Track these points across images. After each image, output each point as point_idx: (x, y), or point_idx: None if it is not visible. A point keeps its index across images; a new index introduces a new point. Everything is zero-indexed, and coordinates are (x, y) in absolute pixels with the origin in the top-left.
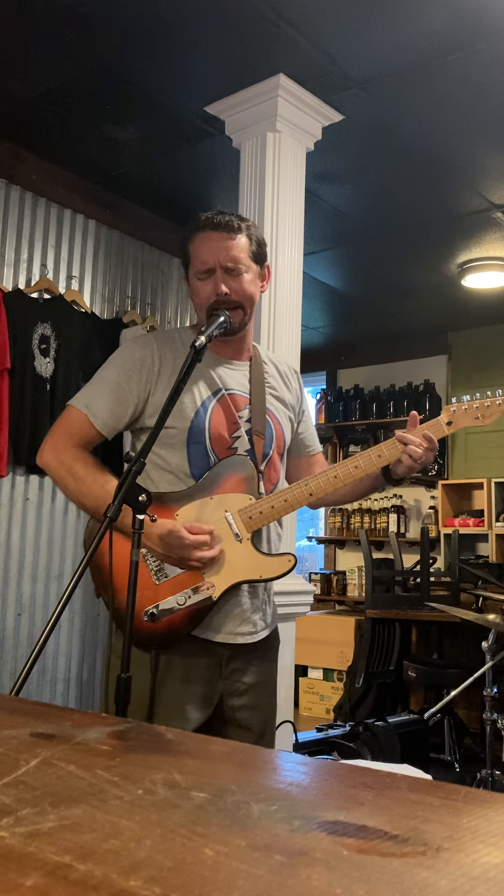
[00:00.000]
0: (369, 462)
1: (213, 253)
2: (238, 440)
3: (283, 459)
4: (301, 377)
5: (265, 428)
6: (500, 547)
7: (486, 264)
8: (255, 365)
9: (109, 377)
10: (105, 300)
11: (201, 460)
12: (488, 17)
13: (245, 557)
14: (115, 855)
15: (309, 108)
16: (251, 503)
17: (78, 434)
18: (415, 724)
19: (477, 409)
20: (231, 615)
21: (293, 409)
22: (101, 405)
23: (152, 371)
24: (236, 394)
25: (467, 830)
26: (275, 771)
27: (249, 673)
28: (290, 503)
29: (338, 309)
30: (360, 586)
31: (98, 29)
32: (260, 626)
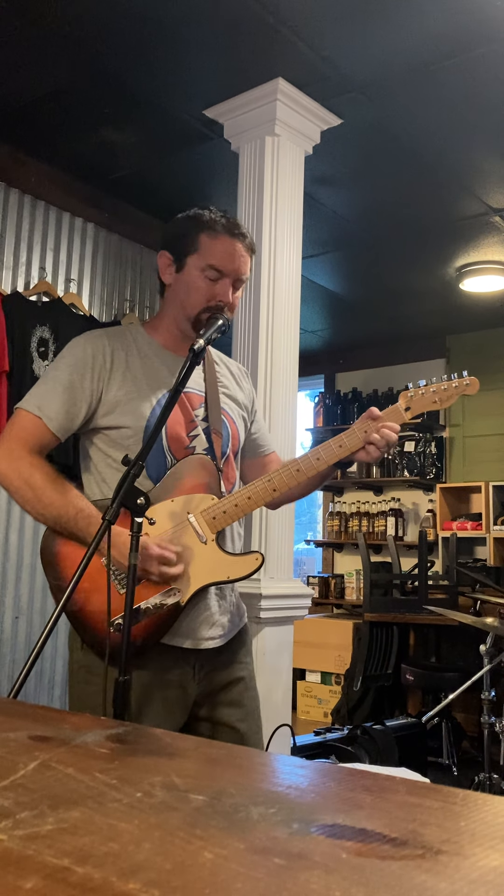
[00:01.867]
0: (331, 453)
1: (234, 262)
2: (196, 439)
3: (237, 459)
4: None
5: (222, 426)
6: (498, 550)
7: (484, 268)
8: (207, 364)
9: (61, 377)
10: (104, 303)
11: (158, 461)
12: (486, 21)
13: (211, 559)
14: (113, 858)
15: (308, 112)
16: (214, 503)
17: (32, 439)
18: (412, 728)
19: (434, 394)
20: (199, 619)
21: (246, 408)
22: (55, 406)
23: (104, 368)
24: (192, 392)
25: (466, 833)
26: (273, 774)
27: (223, 672)
28: (253, 500)
29: (336, 312)
30: (358, 590)
31: (97, 33)
32: (228, 627)
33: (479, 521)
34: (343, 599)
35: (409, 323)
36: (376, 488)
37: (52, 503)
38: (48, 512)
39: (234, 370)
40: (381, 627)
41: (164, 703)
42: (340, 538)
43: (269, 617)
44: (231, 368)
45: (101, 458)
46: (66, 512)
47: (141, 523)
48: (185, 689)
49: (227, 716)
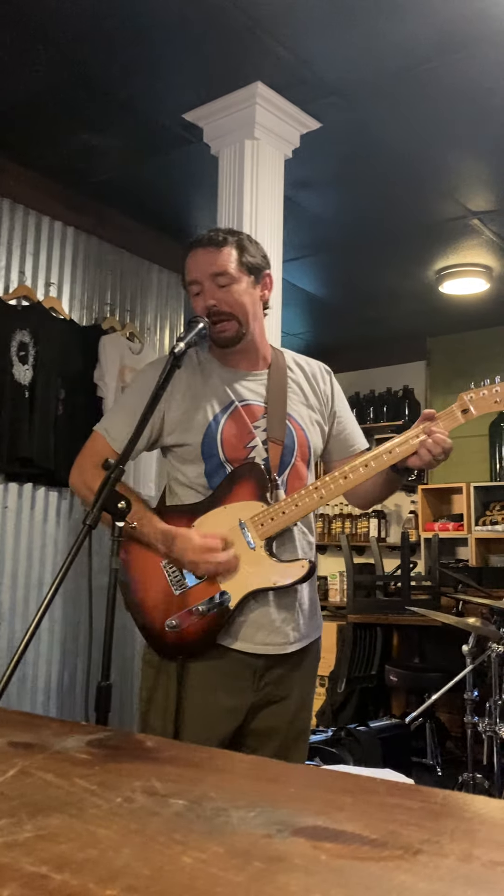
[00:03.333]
0: (380, 460)
1: (199, 267)
2: (254, 450)
3: (310, 466)
4: (331, 376)
5: (284, 436)
6: (480, 551)
7: (463, 270)
8: (274, 371)
9: (128, 401)
10: (84, 307)
11: (217, 472)
12: (465, 26)
13: (258, 565)
14: (92, 864)
15: (287, 116)
16: (262, 510)
17: (100, 456)
18: (397, 729)
19: (497, 394)
20: (259, 625)
21: (321, 411)
22: (119, 427)
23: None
24: (252, 404)
25: (445, 833)
26: (254, 777)
27: (283, 685)
28: (301, 508)
29: (317, 315)
30: (341, 591)
31: (76, 37)
32: (293, 637)
33: (461, 522)
34: (327, 601)
35: (390, 325)
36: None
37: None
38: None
39: (312, 371)
40: (364, 629)
41: (223, 708)
42: (324, 540)
43: None
44: (307, 371)
45: (173, 474)
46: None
47: (122, 527)
48: (242, 694)
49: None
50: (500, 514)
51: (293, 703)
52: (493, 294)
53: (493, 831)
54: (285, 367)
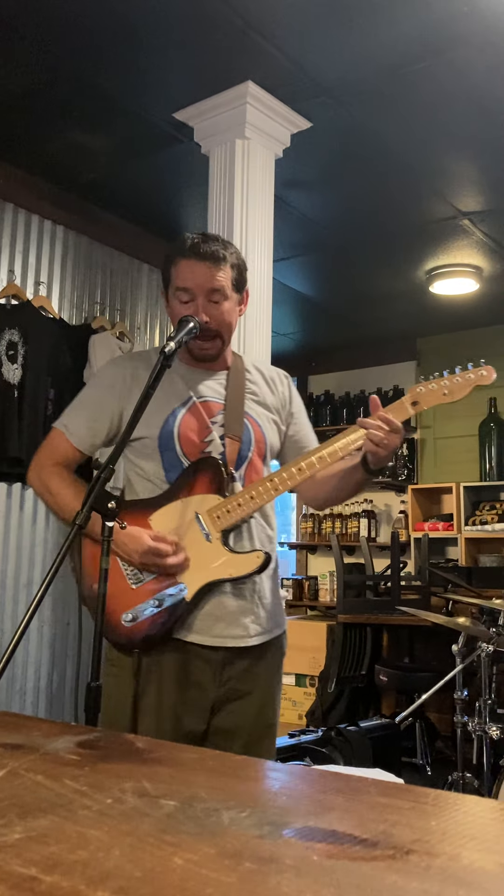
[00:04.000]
0: (334, 454)
1: (196, 280)
2: (211, 444)
3: (266, 462)
4: (288, 381)
5: (242, 431)
6: (470, 550)
7: (453, 271)
8: (234, 373)
9: (88, 397)
10: (74, 306)
11: (175, 466)
12: (455, 26)
13: (215, 556)
14: (82, 866)
15: (277, 116)
16: (218, 502)
17: (58, 453)
18: (387, 729)
19: (444, 386)
20: (216, 617)
21: (279, 412)
22: (78, 423)
23: (125, 387)
24: (210, 400)
25: (436, 833)
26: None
27: (246, 681)
28: (255, 498)
29: (308, 315)
30: (331, 591)
31: (66, 35)
32: (253, 630)
33: (451, 522)
34: (317, 601)
35: (381, 325)
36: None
37: (67, 505)
38: (63, 513)
39: (270, 375)
40: (354, 629)
41: (180, 699)
42: (314, 540)
43: None
44: (265, 374)
45: (130, 468)
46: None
47: (112, 527)
48: (204, 688)
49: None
50: (489, 514)
51: (257, 699)
52: (483, 294)
53: (484, 831)
54: (244, 370)
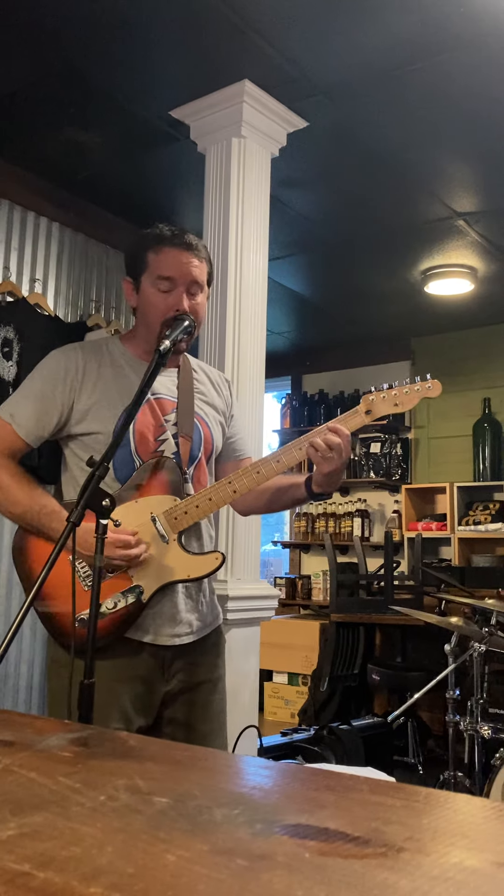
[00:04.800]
0: (291, 456)
1: (181, 269)
2: (164, 443)
3: (210, 462)
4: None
5: (192, 431)
6: (463, 550)
7: (448, 271)
8: (183, 372)
9: (34, 387)
10: (69, 303)
11: (127, 464)
12: (450, 27)
13: (172, 558)
14: (75, 862)
15: (274, 115)
16: (176, 504)
17: (3, 444)
18: (379, 728)
19: (395, 396)
20: (168, 617)
21: (224, 413)
22: (26, 414)
23: (76, 379)
24: (163, 398)
25: (428, 831)
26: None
27: (193, 673)
28: (214, 501)
29: (302, 314)
30: (324, 590)
31: (62, 31)
32: (196, 625)
33: (444, 522)
34: (310, 600)
35: (375, 325)
36: (342, 489)
37: (18, 501)
38: (14, 509)
39: (215, 378)
40: (347, 628)
41: (129, 698)
42: (307, 539)
43: (236, 618)
44: (211, 376)
45: (75, 463)
46: (31, 508)
47: (106, 525)
48: (153, 685)
49: (192, 717)
50: (482, 514)
51: (208, 690)
52: (477, 295)
53: (475, 829)
54: (191, 369)
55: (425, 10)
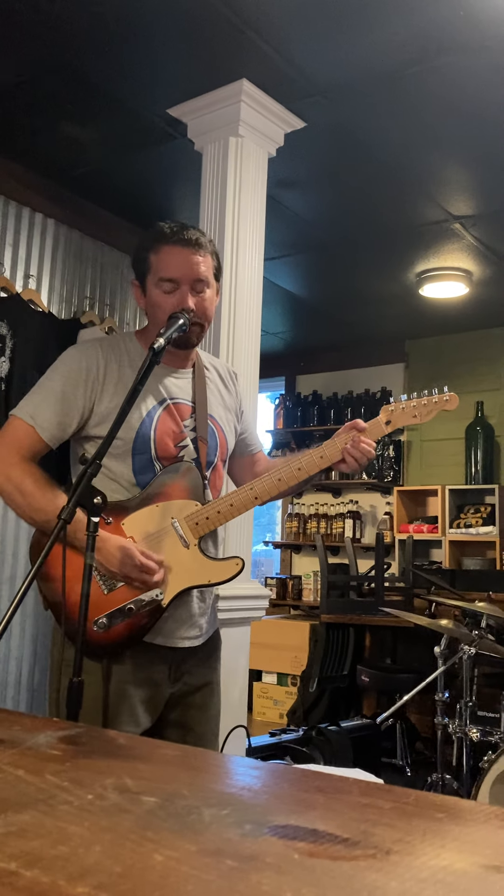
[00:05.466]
0: (312, 463)
1: (183, 268)
2: (184, 449)
3: (225, 466)
4: (238, 378)
5: (208, 435)
6: (453, 553)
7: (443, 274)
8: (197, 372)
9: (55, 387)
10: (63, 300)
11: (146, 469)
12: (449, 31)
13: (193, 562)
14: (63, 861)
15: (272, 115)
16: (197, 509)
17: (24, 447)
18: (367, 729)
19: (414, 408)
20: (182, 621)
21: (235, 413)
22: (47, 416)
23: (97, 381)
24: (181, 402)
25: (417, 833)
26: (226, 775)
27: (196, 675)
28: (235, 507)
29: (297, 315)
30: (315, 591)
31: (61, 27)
32: (205, 629)
33: (435, 524)
34: (300, 601)
35: (370, 327)
36: (335, 490)
37: (42, 508)
38: (38, 517)
39: (224, 373)
40: (337, 629)
41: (139, 700)
42: (299, 539)
43: (227, 618)
44: (220, 372)
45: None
46: (55, 516)
47: (97, 523)
48: (161, 687)
49: (191, 718)
50: (473, 518)
51: (207, 692)
52: (472, 298)
53: (465, 832)
54: (203, 367)
55: (425, 13)
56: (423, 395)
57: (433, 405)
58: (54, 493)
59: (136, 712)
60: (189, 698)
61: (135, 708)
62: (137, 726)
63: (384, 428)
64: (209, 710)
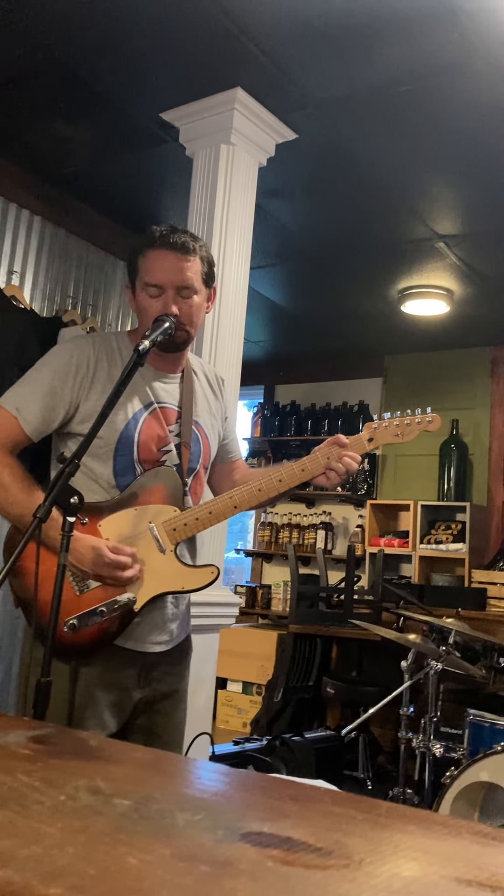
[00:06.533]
0: (293, 476)
1: (167, 273)
2: (167, 454)
3: (207, 473)
4: (225, 384)
5: (191, 441)
6: (423, 568)
7: (425, 292)
8: (186, 376)
9: (43, 380)
10: (46, 298)
11: (127, 471)
12: (444, 52)
13: (168, 568)
14: (35, 862)
15: (264, 124)
16: (175, 514)
17: (6, 438)
18: (331, 741)
19: (397, 427)
20: (154, 625)
21: (220, 419)
22: (33, 409)
23: (87, 378)
24: (168, 407)
25: (389, 844)
26: (199, 780)
27: (165, 682)
28: (214, 514)
29: (279, 324)
30: (284, 601)
31: (57, 27)
32: (175, 633)
33: (406, 539)
34: (269, 610)
35: (350, 340)
36: (308, 501)
37: (18, 502)
38: (13, 510)
39: (212, 378)
40: (305, 639)
41: (107, 704)
42: (270, 549)
43: (197, 624)
44: (209, 377)
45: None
46: (30, 511)
47: (73, 523)
48: (129, 692)
49: (157, 725)
50: (444, 534)
51: (175, 700)
52: (452, 317)
53: (437, 845)
54: (192, 372)
55: (420, 33)
56: (405, 414)
57: (416, 425)
58: (31, 488)
59: (102, 716)
60: (157, 705)
61: (102, 711)
62: (104, 730)
63: (366, 445)
64: (175, 717)
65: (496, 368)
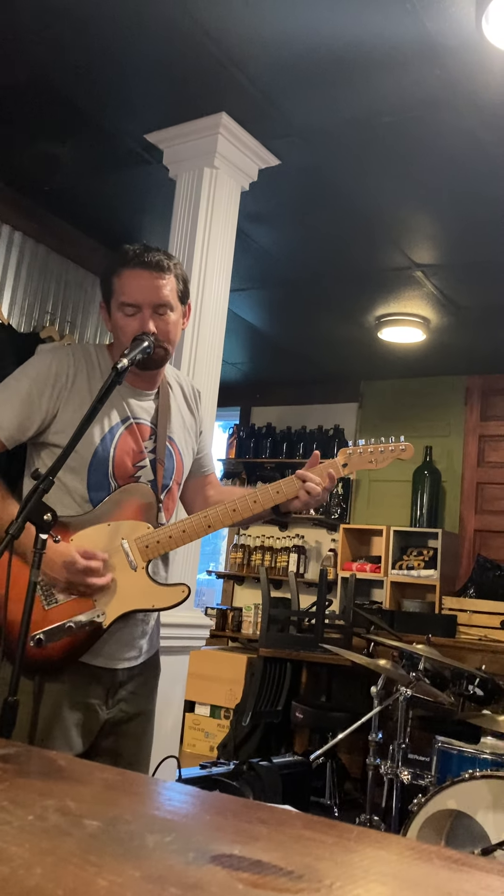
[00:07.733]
0: (268, 497)
1: (143, 292)
2: (142, 470)
3: (180, 489)
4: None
5: (166, 458)
6: (394, 594)
7: (401, 319)
8: (162, 392)
9: (21, 388)
10: (24, 313)
11: (101, 486)
12: (426, 87)
13: (139, 586)
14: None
15: (247, 149)
16: (148, 532)
17: None
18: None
19: (371, 454)
20: (123, 643)
21: (195, 434)
22: (9, 416)
23: (65, 388)
24: (143, 423)
25: (359, 868)
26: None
27: (133, 703)
28: (187, 533)
29: (257, 347)
30: (254, 624)
31: (42, 45)
32: (144, 648)
33: (378, 564)
34: (239, 633)
35: (327, 365)
36: (281, 524)
37: None
38: None
39: (188, 391)
40: (274, 663)
41: (73, 723)
42: (242, 571)
43: (167, 645)
44: (185, 390)
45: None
46: (2, 521)
47: (45, 540)
48: (96, 713)
49: (123, 747)
50: (416, 560)
51: (143, 721)
52: (428, 345)
53: (406, 870)
54: (167, 387)
55: (403, 68)
56: (380, 441)
57: (389, 453)
58: (3, 497)
59: (69, 735)
60: (124, 726)
61: (69, 731)
62: (71, 749)
63: (340, 470)
64: (142, 739)
65: (470, 397)
